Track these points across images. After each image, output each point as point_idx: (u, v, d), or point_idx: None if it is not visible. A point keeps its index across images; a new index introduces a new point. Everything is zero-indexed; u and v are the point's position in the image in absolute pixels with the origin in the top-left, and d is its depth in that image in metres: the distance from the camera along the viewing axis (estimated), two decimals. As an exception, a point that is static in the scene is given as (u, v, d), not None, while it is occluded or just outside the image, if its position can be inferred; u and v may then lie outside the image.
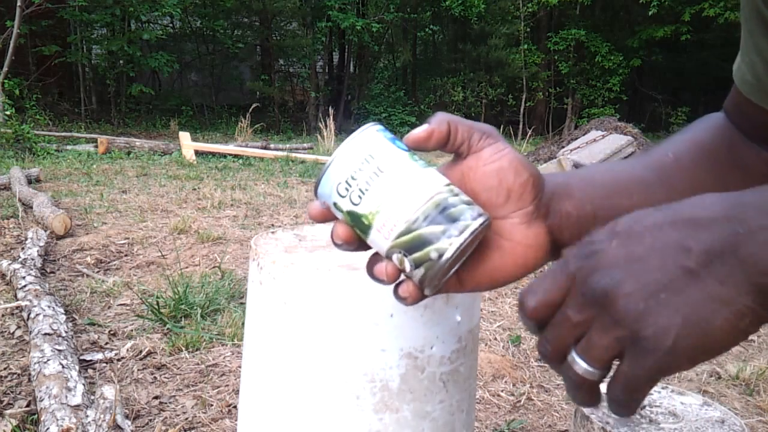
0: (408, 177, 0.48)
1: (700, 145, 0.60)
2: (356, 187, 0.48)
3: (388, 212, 0.47)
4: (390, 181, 0.48)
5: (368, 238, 0.49)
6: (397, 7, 14.36)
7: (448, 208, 0.47)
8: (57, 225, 3.76)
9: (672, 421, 1.26)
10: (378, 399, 0.75)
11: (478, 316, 0.89)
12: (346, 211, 0.49)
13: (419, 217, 0.47)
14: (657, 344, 0.36)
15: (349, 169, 0.48)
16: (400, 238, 0.47)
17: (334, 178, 0.49)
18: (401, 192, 0.47)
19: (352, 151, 0.49)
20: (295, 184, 6.28)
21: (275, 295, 0.78)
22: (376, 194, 0.48)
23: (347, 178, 0.48)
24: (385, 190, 0.48)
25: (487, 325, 2.65)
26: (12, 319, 2.48)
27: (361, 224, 0.49)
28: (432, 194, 0.47)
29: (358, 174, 0.48)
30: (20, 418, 1.75)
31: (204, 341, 2.33)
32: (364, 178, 0.48)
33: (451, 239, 0.46)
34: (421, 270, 0.48)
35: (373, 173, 0.48)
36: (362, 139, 0.49)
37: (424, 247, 0.47)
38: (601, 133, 8.27)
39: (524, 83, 13.83)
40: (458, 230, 0.47)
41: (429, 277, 0.48)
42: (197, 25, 14.76)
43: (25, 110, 8.95)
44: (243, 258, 3.47)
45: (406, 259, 0.48)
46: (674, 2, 12.19)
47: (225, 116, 13.95)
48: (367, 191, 0.48)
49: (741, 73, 0.56)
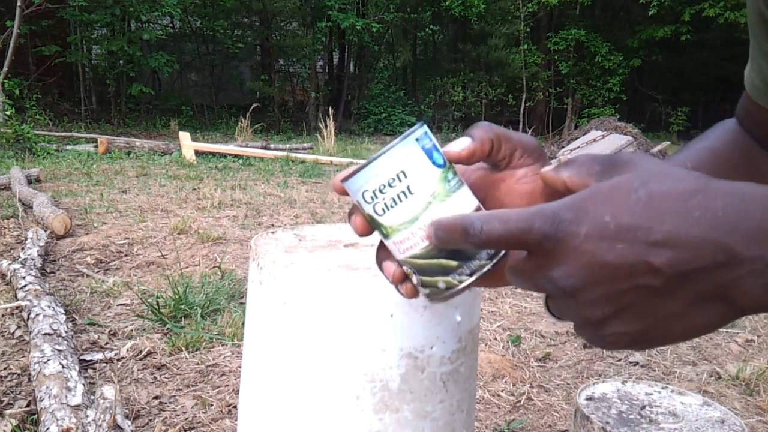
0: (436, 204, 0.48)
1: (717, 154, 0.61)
2: (382, 200, 0.48)
3: (408, 233, 0.48)
4: (417, 205, 0.47)
5: (385, 241, 0.50)
6: (397, 7, 14.36)
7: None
8: (57, 225, 3.76)
9: (672, 421, 1.26)
10: (378, 399, 0.75)
11: (478, 316, 0.89)
12: (368, 214, 0.49)
13: (439, 248, 0.47)
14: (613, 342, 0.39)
15: (380, 181, 0.48)
16: (414, 260, 0.48)
17: (363, 183, 0.49)
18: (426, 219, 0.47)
19: (387, 163, 0.48)
20: (295, 184, 6.28)
21: (275, 295, 0.78)
22: (401, 213, 0.48)
23: (375, 189, 0.48)
24: (411, 212, 0.47)
25: (487, 325, 2.65)
26: (12, 319, 2.48)
27: (379, 230, 0.49)
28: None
29: (387, 189, 0.48)
30: (20, 418, 1.75)
31: (204, 341, 2.33)
32: (392, 195, 0.48)
33: (462, 277, 0.47)
34: (427, 290, 0.49)
35: (402, 192, 0.48)
36: (400, 151, 0.48)
37: (434, 275, 0.48)
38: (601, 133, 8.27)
39: (524, 83, 13.83)
40: (470, 270, 0.47)
41: (433, 298, 0.49)
42: (197, 25, 14.76)
43: (25, 110, 8.95)
44: (243, 258, 3.47)
45: (414, 275, 0.49)
46: (674, 2, 12.19)
47: (225, 116, 13.95)
48: (393, 208, 0.48)
49: (750, 78, 0.56)
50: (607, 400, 1.35)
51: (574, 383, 2.18)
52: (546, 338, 2.58)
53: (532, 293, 3.14)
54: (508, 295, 3.11)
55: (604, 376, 2.26)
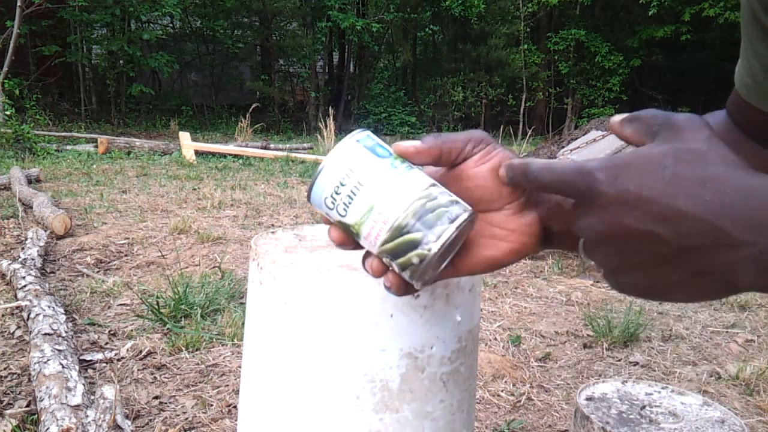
0: (387, 188, 0.51)
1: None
2: (341, 201, 0.51)
3: (370, 223, 0.51)
4: (370, 194, 0.51)
5: (360, 241, 0.53)
6: (397, 7, 14.36)
7: (427, 213, 0.50)
8: (57, 225, 3.76)
9: (672, 421, 1.26)
10: (378, 399, 0.75)
11: (478, 316, 0.89)
12: (336, 221, 0.53)
13: (400, 225, 0.50)
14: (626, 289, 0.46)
15: (333, 183, 0.51)
16: (384, 246, 0.51)
17: (322, 191, 0.52)
18: (381, 204, 0.50)
19: (334, 165, 0.52)
20: (295, 184, 6.28)
21: (275, 295, 0.78)
22: (358, 206, 0.51)
23: (332, 193, 0.52)
24: (366, 203, 0.50)
25: (487, 325, 2.65)
26: (12, 319, 2.48)
27: (350, 233, 0.52)
28: (411, 200, 0.50)
29: (341, 189, 0.51)
30: (20, 418, 1.75)
31: (204, 341, 2.33)
32: (347, 192, 0.51)
33: (429, 245, 0.50)
34: (407, 272, 0.52)
35: (354, 187, 0.51)
36: (342, 152, 0.52)
37: (406, 253, 0.50)
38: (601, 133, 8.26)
39: (524, 83, 13.83)
40: (435, 236, 0.50)
41: (416, 277, 0.52)
42: (197, 25, 14.76)
43: (25, 110, 8.95)
44: (243, 258, 3.48)
45: (393, 263, 0.52)
46: (674, 2, 12.19)
47: (225, 116, 13.95)
48: (351, 204, 0.51)
49: (740, 76, 0.57)
50: (607, 400, 1.35)
51: (574, 383, 2.18)
52: (546, 338, 2.58)
53: (531, 294, 3.14)
54: (508, 295, 3.11)
55: (604, 376, 2.26)
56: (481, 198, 0.55)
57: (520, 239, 0.55)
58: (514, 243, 0.55)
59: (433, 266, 0.51)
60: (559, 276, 3.47)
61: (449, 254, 0.53)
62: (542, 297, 3.10)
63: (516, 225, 0.55)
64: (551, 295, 3.13)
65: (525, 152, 9.90)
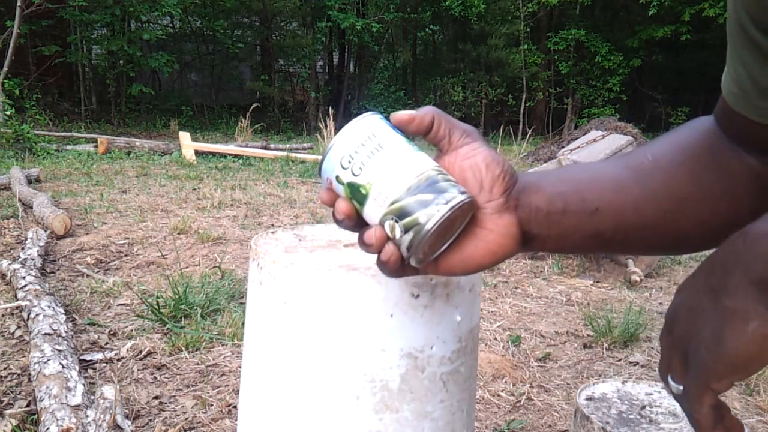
0: (404, 154, 0.55)
1: (682, 147, 0.62)
2: (358, 160, 0.54)
3: (385, 182, 0.53)
4: (388, 156, 0.54)
5: (364, 208, 0.55)
6: (397, 7, 14.36)
7: (438, 182, 0.54)
8: (57, 225, 3.76)
9: (672, 421, 1.26)
10: (378, 399, 0.75)
11: (478, 316, 0.89)
12: (347, 182, 0.55)
13: (412, 187, 0.53)
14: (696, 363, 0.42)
15: (353, 144, 0.55)
16: (394, 205, 0.53)
17: (339, 152, 0.55)
18: (397, 165, 0.54)
19: (356, 130, 0.55)
20: (295, 184, 6.28)
21: (275, 295, 0.78)
22: (375, 166, 0.54)
23: (351, 152, 0.55)
24: (384, 163, 0.54)
25: (487, 325, 2.65)
26: (12, 319, 2.48)
27: (359, 194, 0.54)
28: (424, 170, 0.54)
29: (361, 149, 0.54)
30: (20, 418, 1.75)
31: (204, 341, 2.33)
32: (366, 153, 0.54)
33: (438, 206, 0.52)
34: (410, 234, 0.53)
35: (374, 148, 0.54)
36: (366, 121, 0.56)
37: (414, 212, 0.53)
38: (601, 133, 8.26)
39: (524, 83, 13.83)
40: (445, 200, 0.53)
41: (416, 242, 0.53)
42: (197, 25, 14.76)
43: (25, 110, 8.95)
44: (243, 258, 3.48)
45: (397, 225, 0.53)
46: (674, 2, 12.19)
47: (225, 116, 13.95)
48: (368, 164, 0.54)
49: (727, 84, 0.57)
50: (607, 400, 1.35)
51: (574, 383, 2.18)
52: (546, 338, 2.58)
53: (531, 294, 3.14)
54: (508, 295, 3.11)
55: (604, 376, 2.26)
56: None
57: (496, 240, 0.56)
58: (490, 243, 0.56)
59: (436, 230, 0.53)
60: (559, 276, 3.47)
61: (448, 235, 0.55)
62: (542, 297, 3.10)
63: (494, 225, 0.56)
64: (551, 295, 3.13)
65: (525, 152, 9.90)
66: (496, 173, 0.56)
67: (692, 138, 0.62)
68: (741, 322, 0.38)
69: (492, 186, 0.56)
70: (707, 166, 0.59)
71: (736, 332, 0.38)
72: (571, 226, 0.57)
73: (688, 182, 0.59)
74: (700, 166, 0.59)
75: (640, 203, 0.58)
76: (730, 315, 0.38)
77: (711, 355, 0.40)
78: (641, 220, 0.58)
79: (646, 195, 0.58)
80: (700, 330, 0.41)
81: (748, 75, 0.52)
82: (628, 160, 0.62)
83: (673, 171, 0.59)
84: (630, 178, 0.59)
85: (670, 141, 0.63)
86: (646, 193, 0.58)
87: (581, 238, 0.58)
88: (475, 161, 0.56)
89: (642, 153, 0.62)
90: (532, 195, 0.57)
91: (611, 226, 0.58)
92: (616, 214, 0.58)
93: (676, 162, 0.60)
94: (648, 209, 0.58)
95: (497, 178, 0.56)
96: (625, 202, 0.58)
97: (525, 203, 0.57)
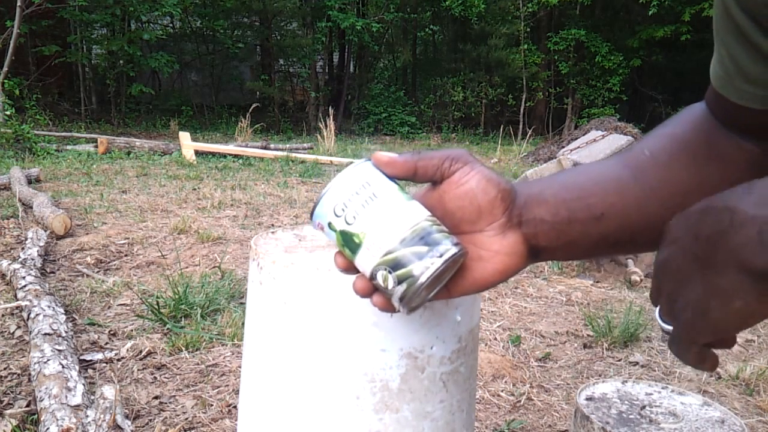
0: (398, 205, 0.54)
1: (678, 139, 0.61)
2: (352, 209, 0.54)
3: (378, 232, 0.53)
4: (383, 206, 0.54)
5: (356, 256, 0.54)
6: (397, 7, 14.35)
7: (431, 234, 0.53)
8: (57, 225, 3.76)
9: (672, 421, 1.26)
10: (378, 399, 0.75)
11: (478, 316, 0.89)
12: (339, 230, 0.55)
13: (406, 239, 0.53)
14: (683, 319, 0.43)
15: (348, 193, 0.54)
16: (387, 256, 0.53)
17: (333, 200, 0.55)
18: (392, 216, 0.54)
19: (351, 178, 0.55)
20: (295, 184, 6.28)
21: (275, 295, 0.78)
22: (369, 216, 0.54)
23: (345, 200, 0.54)
24: (378, 213, 0.54)
25: (487, 325, 2.65)
26: (12, 319, 2.48)
27: (352, 243, 0.54)
28: (418, 221, 0.54)
29: (355, 197, 0.54)
30: (20, 418, 1.75)
31: (204, 341, 2.33)
32: (360, 201, 0.54)
33: (433, 259, 0.52)
34: (403, 286, 0.53)
35: (368, 197, 0.54)
36: (361, 169, 0.56)
37: (408, 264, 0.53)
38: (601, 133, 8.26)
39: (524, 83, 13.83)
40: (439, 253, 0.53)
41: (409, 294, 0.53)
42: (197, 25, 14.75)
43: (25, 110, 8.94)
44: (243, 258, 3.47)
45: (390, 275, 0.53)
46: (674, 2, 12.18)
47: (225, 116, 13.94)
48: (362, 213, 0.54)
49: (714, 68, 0.57)
50: (607, 400, 1.35)
51: (574, 383, 2.18)
52: (546, 338, 2.58)
53: (531, 294, 3.14)
54: (508, 295, 3.11)
55: (604, 376, 2.26)
56: (463, 219, 0.56)
57: (504, 260, 0.56)
58: (498, 264, 0.56)
59: (429, 283, 0.53)
60: (559, 276, 3.47)
61: (438, 284, 0.56)
62: (542, 297, 3.10)
63: (499, 246, 0.56)
64: (551, 295, 3.13)
65: (525, 152, 9.90)
66: (492, 195, 0.55)
67: (687, 129, 0.62)
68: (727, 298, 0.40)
69: (491, 208, 0.55)
70: (705, 155, 0.59)
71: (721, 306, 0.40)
72: (578, 234, 0.57)
73: (687, 174, 0.59)
74: (699, 156, 0.59)
75: (643, 202, 0.58)
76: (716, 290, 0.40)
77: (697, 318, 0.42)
78: (646, 218, 0.58)
79: (647, 193, 0.58)
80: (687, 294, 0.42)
81: (731, 58, 0.53)
82: (626, 158, 0.62)
83: (672, 165, 0.59)
84: (629, 177, 0.59)
85: (666, 134, 0.63)
86: (647, 191, 0.58)
87: (589, 244, 0.58)
88: (469, 187, 0.55)
89: (639, 149, 0.62)
90: (534, 208, 0.57)
91: (617, 228, 0.58)
92: (620, 216, 0.58)
93: (673, 156, 0.60)
94: (651, 207, 0.58)
95: (494, 200, 0.55)
96: (627, 203, 0.58)
97: (529, 218, 0.56)
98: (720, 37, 0.54)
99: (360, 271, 0.56)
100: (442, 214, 0.56)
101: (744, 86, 0.53)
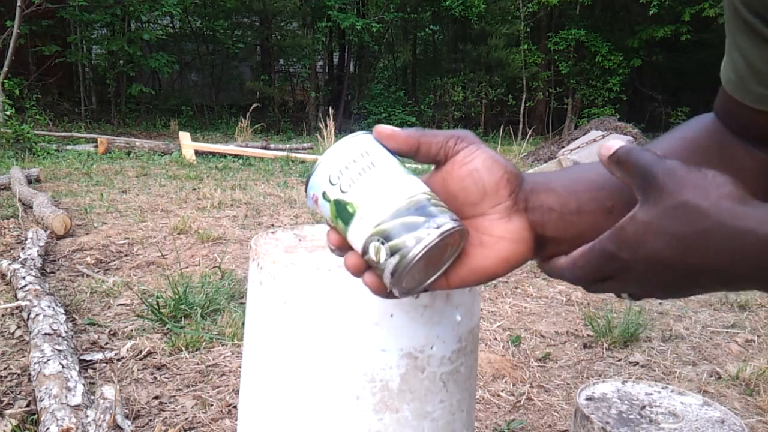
0: (396, 175, 0.52)
1: (692, 143, 0.61)
2: (348, 176, 0.51)
3: (373, 201, 0.50)
4: (380, 175, 0.51)
5: (349, 228, 0.51)
6: (397, 7, 14.35)
7: (428, 207, 0.50)
8: (57, 225, 3.76)
9: (672, 421, 1.26)
10: (378, 399, 0.75)
11: (478, 316, 0.89)
12: (334, 200, 0.52)
13: (401, 209, 0.50)
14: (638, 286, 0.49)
15: (344, 160, 0.52)
16: (380, 226, 0.50)
17: (328, 167, 0.52)
18: (389, 185, 0.51)
19: (349, 146, 0.53)
20: (295, 184, 6.28)
21: (275, 295, 0.78)
22: (365, 184, 0.51)
23: (341, 168, 0.52)
24: (375, 182, 0.51)
25: (487, 325, 2.65)
26: (12, 319, 2.48)
27: (345, 213, 0.51)
28: (415, 193, 0.51)
29: (352, 165, 0.52)
30: (20, 418, 1.75)
31: (204, 341, 2.33)
32: (357, 170, 0.51)
33: (429, 230, 0.49)
34: (396, 258, 0.49)
35: (366, 166, 0.51)
36: (360, 138, 0.54)
37: (402, 234, 0.49)
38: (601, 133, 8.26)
39: (524, 83, 13.83)
40: (436, 224, 0.49)
41: (402, 267, 0.49)
42: (197, 25, 14.75)
43: (25, 110, 8.95)
44: (243, 258, 3.47)
45: (382, 247, 0.50)
46: (674, 2, 12.19)
47: (225, 116, 13.95)
48: (357, 181, 0.51)
49: (725, 71, 0.56)
50: (607, 400, 1.35)
51: (574, 383, 2.18)
52: (546, 338, 2.58)
53: (531, 294, 3.14)
54: (508, 295, 3.11)
55: (604, 376, 2.26)
56: (466, 203, 0.53)
57: (509, 247, 0.53)
58: (501, 251, 0.53)
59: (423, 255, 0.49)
60: (559, 276, 3.47)
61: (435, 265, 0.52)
62: (542, 297, 3.10)
63: (504, 231, 0.53)
64: (551, 295, 3.13)
65: (525, 152, 9.90)
66: (498, 175, 0.53)
67: (700, 134, 0.61)
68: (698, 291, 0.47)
69: (496, 189, 0.52)
70: (718, 159, 0.58)
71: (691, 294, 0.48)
72: (587, 226, 0.54)
73: None
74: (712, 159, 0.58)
75: None
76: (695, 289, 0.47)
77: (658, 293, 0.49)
78: None
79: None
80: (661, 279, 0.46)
81: (744, 59, 0.52)
82: None
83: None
84: None
85: (677, 137, 0.62)
86: None
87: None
88: (474, 166, 0.53)
89: (650, 149, 0.62)
90: (542, 195, 0.54)
91: None
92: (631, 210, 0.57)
93: (684, 158, 0.59)
94: None
95: (500, 181, 0.52)
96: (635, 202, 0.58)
97: (536, 205, 0.53)
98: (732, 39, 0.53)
99: (353, 249, 0.53)
100: (444, 199, 0.53)
101: (758, 89, 0.52)
